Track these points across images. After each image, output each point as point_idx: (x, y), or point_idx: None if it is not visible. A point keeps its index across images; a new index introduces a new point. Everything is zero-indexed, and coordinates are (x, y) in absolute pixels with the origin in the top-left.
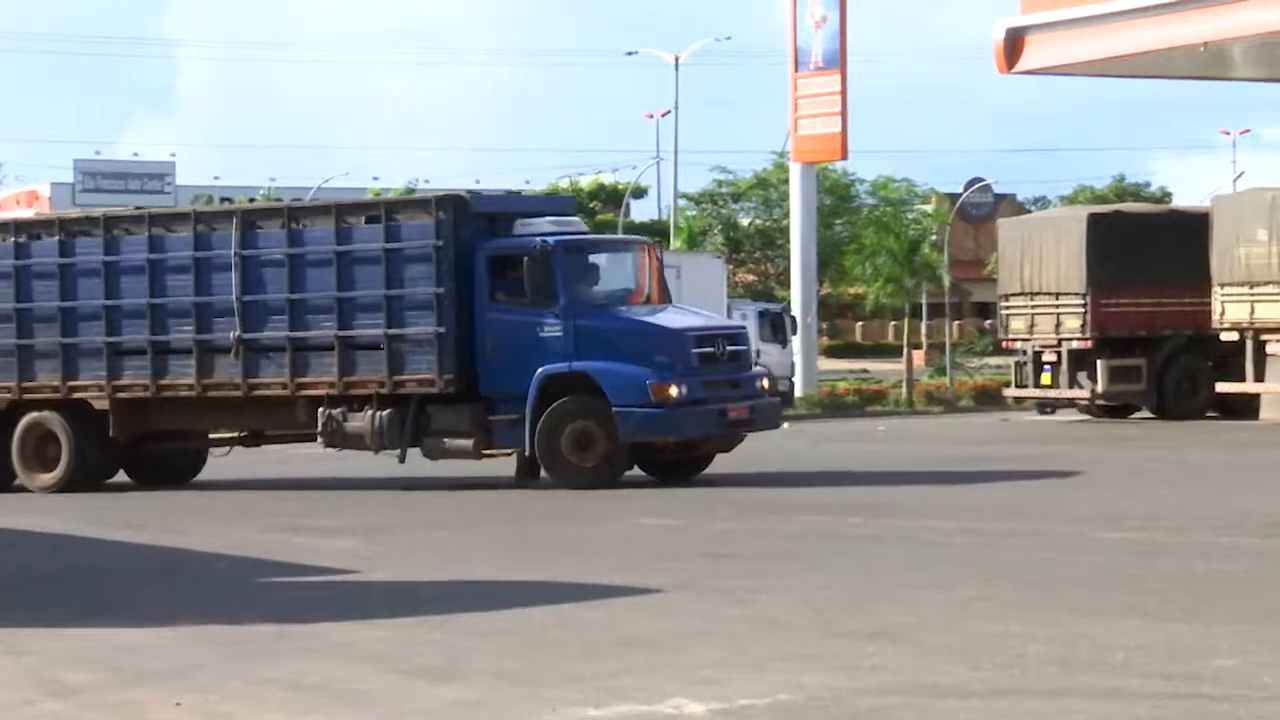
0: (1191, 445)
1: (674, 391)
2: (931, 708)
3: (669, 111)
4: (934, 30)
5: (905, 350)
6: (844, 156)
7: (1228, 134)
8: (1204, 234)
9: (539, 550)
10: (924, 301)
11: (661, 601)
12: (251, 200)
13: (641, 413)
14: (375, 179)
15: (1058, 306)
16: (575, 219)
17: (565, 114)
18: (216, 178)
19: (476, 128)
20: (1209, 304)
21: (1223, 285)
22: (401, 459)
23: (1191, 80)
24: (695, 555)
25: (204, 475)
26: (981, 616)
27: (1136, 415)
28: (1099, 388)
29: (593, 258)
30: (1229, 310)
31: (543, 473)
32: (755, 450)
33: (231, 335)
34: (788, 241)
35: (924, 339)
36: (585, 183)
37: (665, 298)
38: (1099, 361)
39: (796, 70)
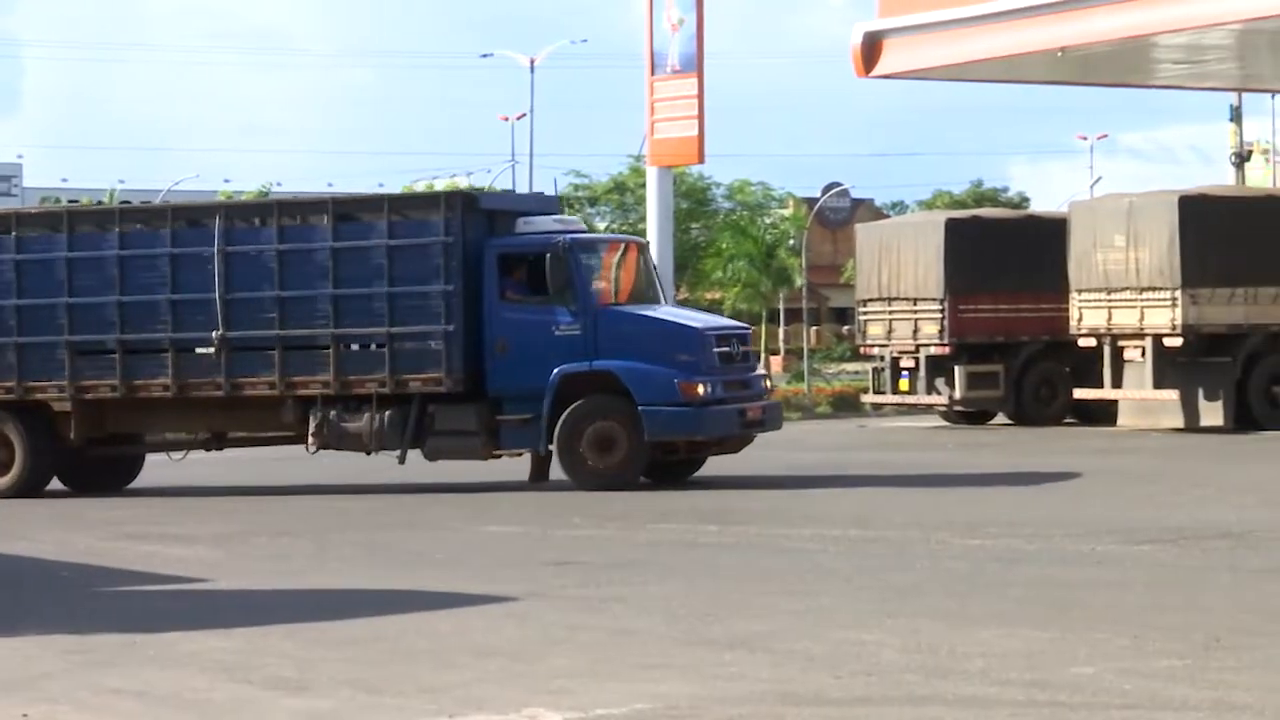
0: (1049, 452)
1: (701, 390)
2: (790, 716)
3: (524, 114)
4: (792, 34)
5: (763, 356)
6: (701, 160)
7: (1085, 139)
8: (1062, 239)
9: (389, 558)
10: (781, 307)
11: (516, 610)
12: (99, 203)
13: (669, 412)
14: (227, 181)
15: (915, 312)
16: (574, 218)
17: (419, 116)
18: (64, 180)
19: (329, 130)
20: (1066, 310)
21: (1080, 291)
22: (401, 460)
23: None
24: (547, 563)
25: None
26: (839, 624)
27: (994, 421)
28: (957, 394)
29: (602, 257)
30: (1086, 316)
31: (544, 474)
32: None
33: (214, 334)
34: None
35: (781, 344)
36: (440, 186)
37: (659, 298)
38: (957, 367)
39: (653, 73)
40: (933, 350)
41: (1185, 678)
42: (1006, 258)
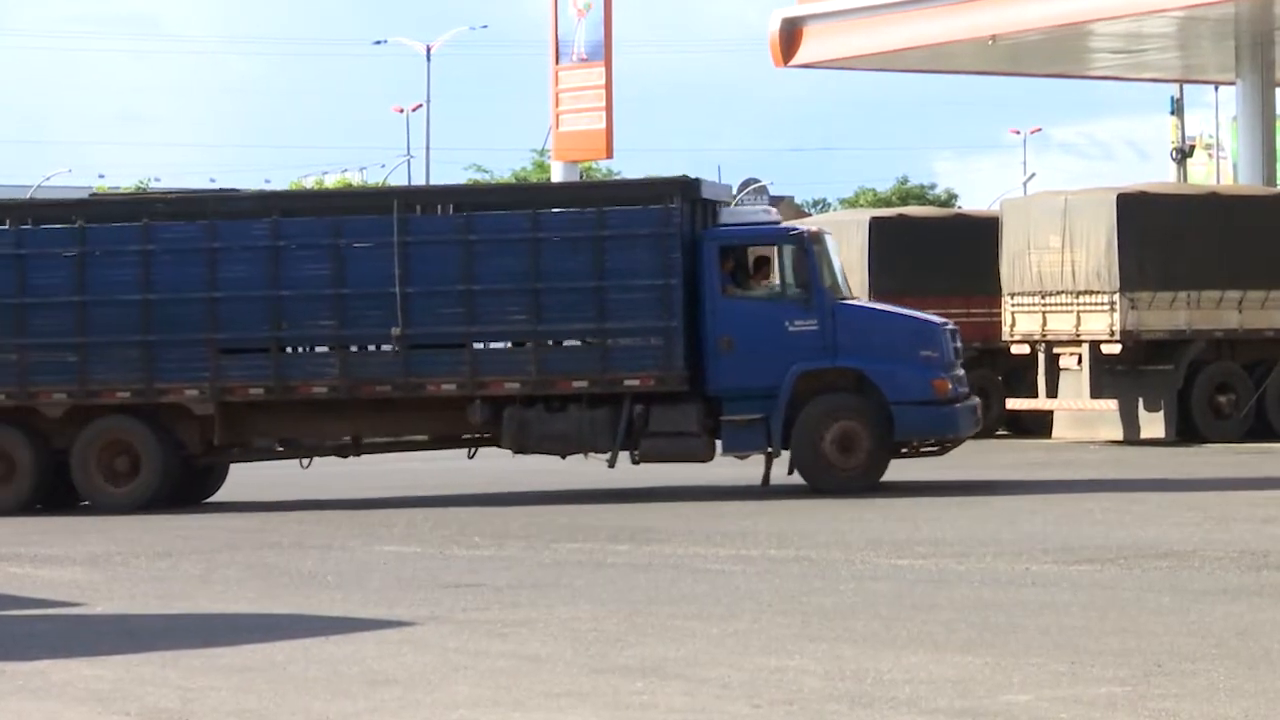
0: (981, 466)
1: (950, 387)
2: None
3: (420, 105)
4: (706, 21)
5: None
6: (609, 155)
7: (1018, 133)
8: (993, 240)
9: (278, 581)
10: None
11: (413, 635)
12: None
13: (921, 410)
14: (101, 176)
15: None
16: (770, 207)
17: (308, 107)
18: None
19: (210, 122)
20: (999, 314)
21: (1013, 295)
22: (612, 463)
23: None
24: (447, 585)
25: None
26: (758, 650)
27: None
28: None
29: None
30: (1020, 321)
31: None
32: (499, 469)
33: (393, 330)
34: None
35: None
36: (331, 182)
37: (849, 290)
38: None
39: (558, 62)
40: None
41: (1125, 705)
42: (935, 259)
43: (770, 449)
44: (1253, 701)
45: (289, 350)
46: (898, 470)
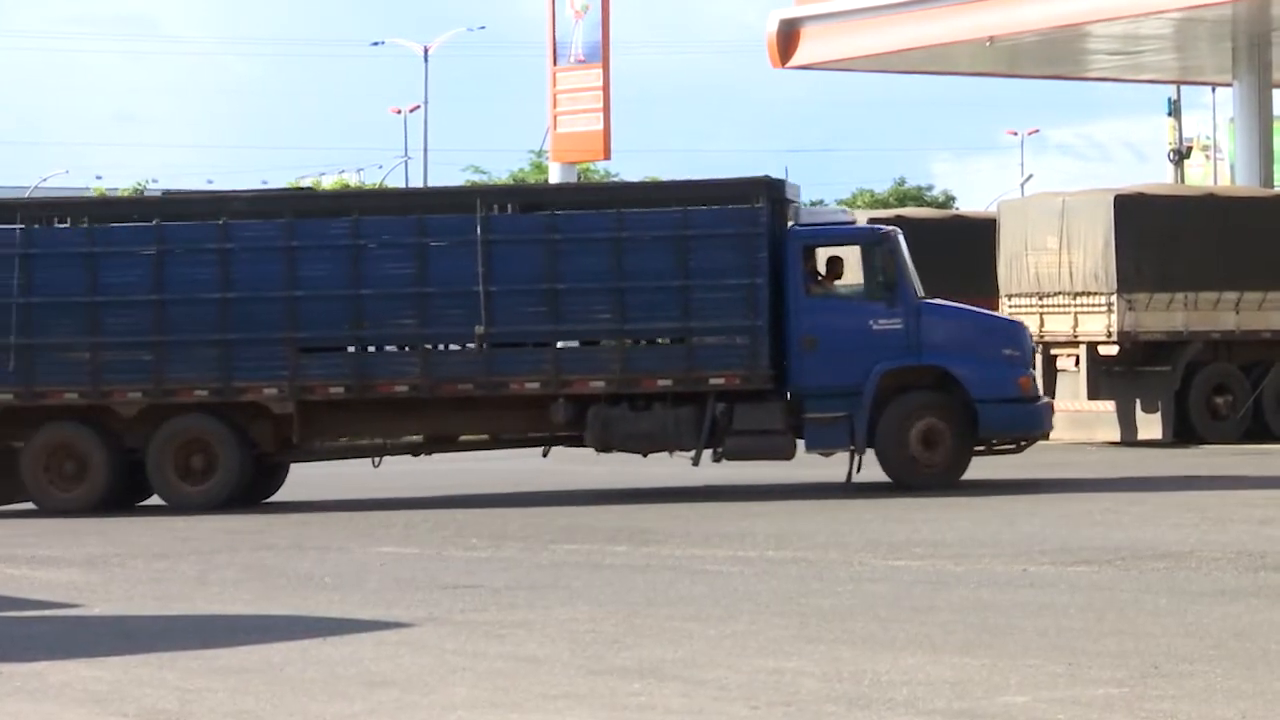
0: (977, 467)
1: (1033, 385)
2: None
3: (418, 106)
4: (704, 22)
5: None
6: (607, 156)
7: (1015, 134)
8: (991, 241)
9: (275, 582)
10: None
11: (411, 636)
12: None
13: (1006, 408)
14: (99, 178)
15: None
16: (844, 208)
17: (305, 108)
18: None
19: (207, 123)
20: None
21: (1010, 296)
22: (696, 461)
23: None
24: (445, 586)
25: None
26: (756, 651)
27: None
28: None
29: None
30: None
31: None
32: (497, 468)
33: (476, 329)
34: None
35: None
36: (328, 183)
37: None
38: None
39: (555, 63)
40: None
41: (1122, 706)
42: (931, 260)
43: (853, 446)
44: (1250, 703)
45: (369, 349)
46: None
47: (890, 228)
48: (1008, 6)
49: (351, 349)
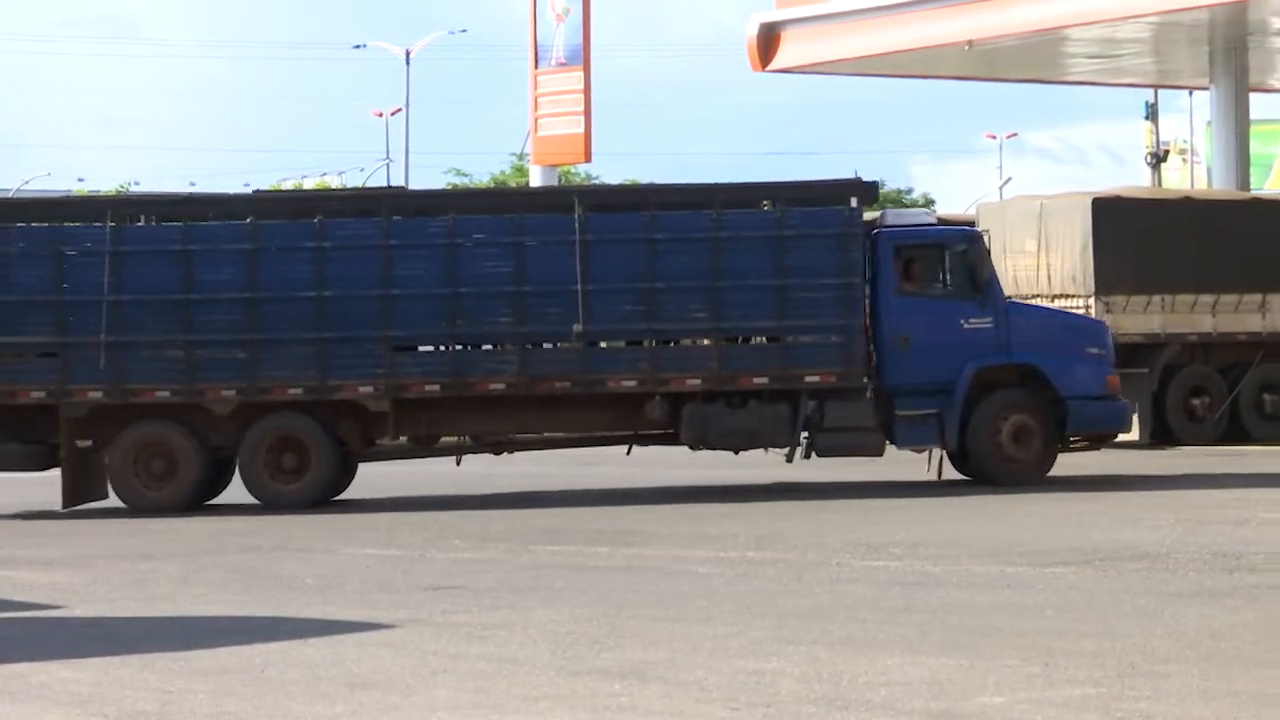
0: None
1: (1119, 384)
2: None
3: (399, 110)
4: (684, 26)
5: None
6: (588, 159)
7: (994, 138)
8: None
9: (258, 583)
10: None
11: (393, 638)
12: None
13: (1095, 405)
14: (81, 180)
15: None
16: (932, 210)
17: (287, 111)
18: None
19: (190, 126)
20: None
21: None
22: (789, 458)
23: (956, 81)
24: (426, 588)
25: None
26: (736, 652)
27: None
28: None
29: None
30: None
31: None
32: (482, 471)
33: (574, 327)
34: None
35: None
36: (310, 185)
37: None
38: None
39: (537, 66)
40: None
41: (1099, 707)
42: None
43: (944, 443)
44: (1226, 703)
45: (465, 347)
46: (874, 471)
47: (978, 229)
48: (987, 10)
49: (446, 347)
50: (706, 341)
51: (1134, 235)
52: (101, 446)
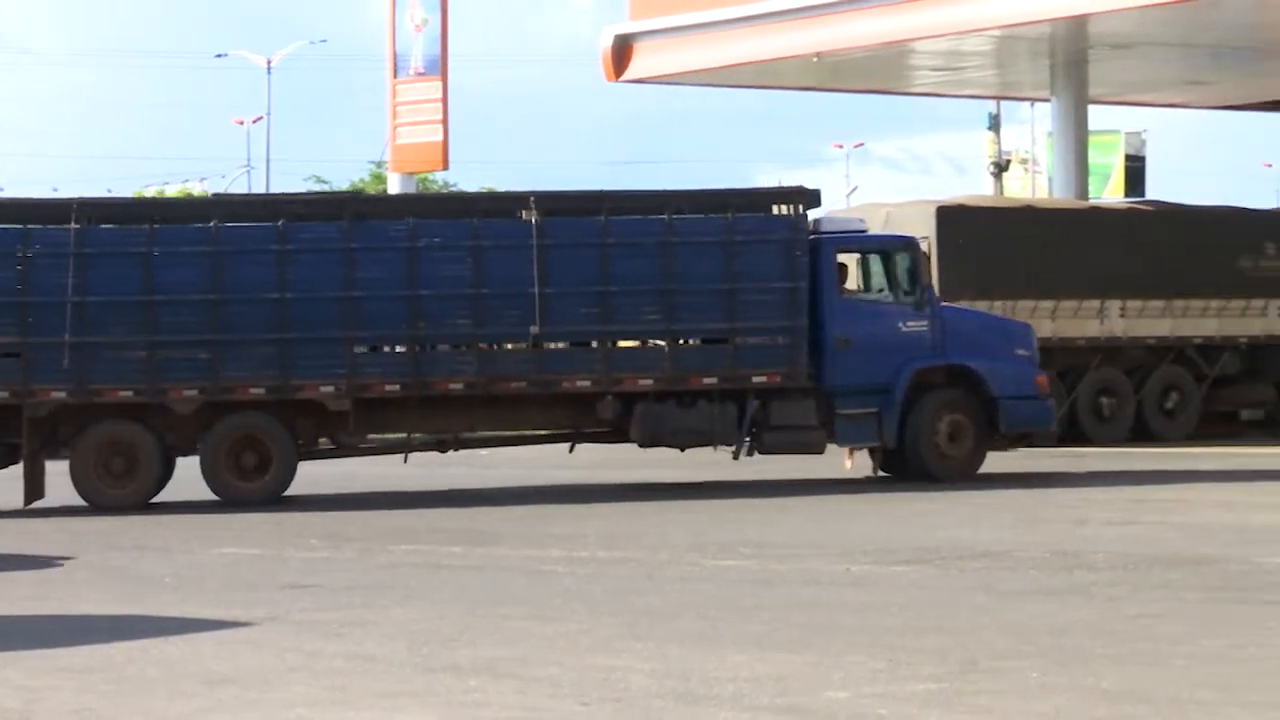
0: (811, 471)
1: (1047, 384)
2: None
3: (260, 117)
4: (541, 36)
5: None
6: (445, 167)
7: (841, 147)
8: None
9: (119, 582)
10: None
11: (250, 635)
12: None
13: (1025, 405)
14: None
15: None
16: (861, 218)
17: (149, 119)
18: None
19: (49, 132)
20: None
21: None
22: (737, 455)
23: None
24: (284, 586)
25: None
26: (587, 649)
27: None
28: None
29: None
30: None
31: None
32: (344, 471)
33: (531, 329)
34: None
35: None
36: (171, 192)
37: None
38: None
39: (395, 76)
40: None
41: (941, 701)
42: None
43: (883, 440)
44: (1065, 697)
45: (424, 348)
46: (733, 471)
47: (915, 236)
48: (834, 23)
49: (406, 348)
50: (659, 343)
51: (977, 242)
52: (63, 445)
